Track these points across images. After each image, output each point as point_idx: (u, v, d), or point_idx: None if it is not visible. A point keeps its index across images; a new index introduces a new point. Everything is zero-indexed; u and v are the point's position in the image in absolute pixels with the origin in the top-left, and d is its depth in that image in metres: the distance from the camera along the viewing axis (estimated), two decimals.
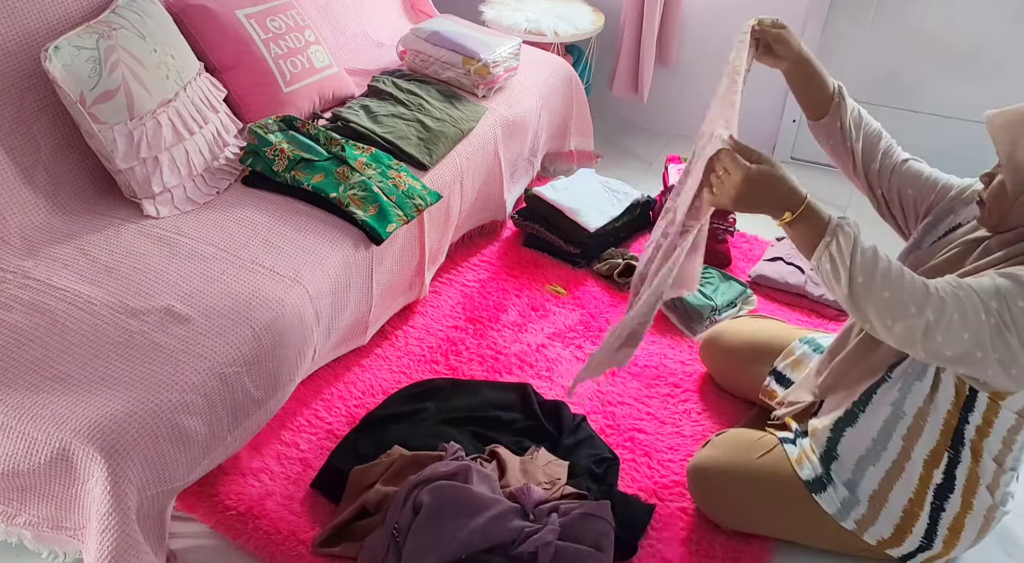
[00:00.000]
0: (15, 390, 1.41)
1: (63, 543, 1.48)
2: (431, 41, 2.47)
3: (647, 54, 3.03)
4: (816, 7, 2.93)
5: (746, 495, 1.65)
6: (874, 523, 1.57)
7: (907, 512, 1.55)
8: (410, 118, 2.24)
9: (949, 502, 1.53)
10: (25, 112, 1.77)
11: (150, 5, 1.91)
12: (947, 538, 1.56)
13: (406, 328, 2.17)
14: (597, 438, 1.86)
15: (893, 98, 2.99)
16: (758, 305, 2.34)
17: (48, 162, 1.80)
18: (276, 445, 1.81)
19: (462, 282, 2.36)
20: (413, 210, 1.97)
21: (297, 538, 1.62)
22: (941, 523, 1.55)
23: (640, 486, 1.79)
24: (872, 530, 1.58)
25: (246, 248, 1.76)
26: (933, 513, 1.54)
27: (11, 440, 1.37)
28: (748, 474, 1.65)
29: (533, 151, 2.65)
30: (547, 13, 2.99)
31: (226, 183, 1.96)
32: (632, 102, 3.26)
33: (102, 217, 1.81)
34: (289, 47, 2.18)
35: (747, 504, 1.66)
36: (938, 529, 1.55)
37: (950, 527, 1.55)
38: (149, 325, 1.54)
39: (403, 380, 2.01)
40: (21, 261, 1.66)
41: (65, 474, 1.36)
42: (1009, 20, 2.78)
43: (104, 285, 1.61)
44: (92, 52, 1.74)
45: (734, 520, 1.69)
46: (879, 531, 1.57)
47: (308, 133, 2.03)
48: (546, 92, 2.65)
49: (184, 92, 1.91)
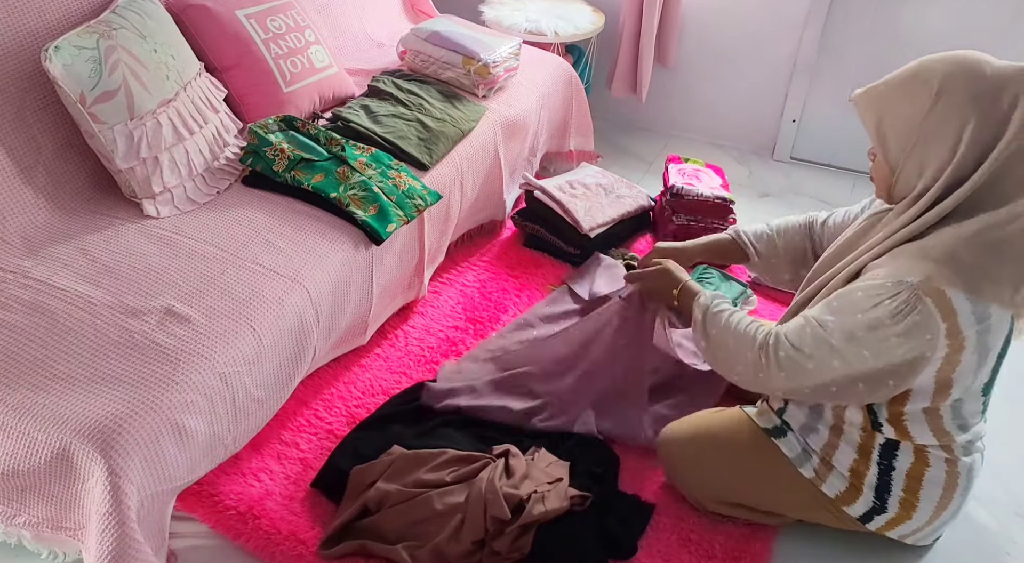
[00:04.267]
0: (15, 390, 1.41)
1: (63, 543, 1.48)
2: (431, 41, 2.48)
3: (646, 54, 3.04)
4: (816, 7, 2.94)
5: (712, 455, 1.67)
6: (829, 475, 1.57)
7: (855, 469, 1.55)
8: (410, 118, 2.24)
9: (898, 459, 1.52)
10: (25, 112, 1.77)
11: (150, 5, 1.91)
12: (903, 499, 1.54)
13: (406, 328, 2.17)
14: (598, 438, 1.86)
15: None
16: (758, 305, 2.34)
17: (48, 162, 1.80)
18: (276, 445, 1.81)
19: (462, 282, 2.36)
20: (413, 210, 1.98)
21: (297, 538, 1.62)
22: (894, 481, 1.53)
23: (640, 486, 1.79)
24: (830, 482, 1.57)
25: (246, 248, 1.76)
26: (882, 472, 1.53)
27: (11, 440, 1.37)
28: (711, 431, 1.69)
29: (533, 151, 2.65)
30: (547, 13, 2.99)
31: (226, 183, 1.96)
32: (632, 102, 3.26)
33: (102, 217, 1.81)
34: (289, 47, 2.18)
35: (713, 465, 1.67)
36: (892, 488, 1.53)
37: (906, 486, 1.53)
38: (149, 325, 1.54)
39: (403, 380, 2.01)
40: (21, 261, 1.66)
41: (65, 474, 1.36)
42: (1008, 20, 2.78)
43: (104, 285, 1.61)
44: (92, 52, 1.74)
45: (703, 487, 1.70)
46: (835, 484, 1.57)
47: (308, 133, 2.03)
48: (546, 92, 2.65)
49: (184, 92, 1.91)
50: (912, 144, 1.38)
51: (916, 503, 1.54)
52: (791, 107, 3.12)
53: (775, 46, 3.05)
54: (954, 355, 1.37)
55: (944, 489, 1.53)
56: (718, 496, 1.69)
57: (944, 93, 1.34)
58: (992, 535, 1.77)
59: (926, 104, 1.35)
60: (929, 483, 1.52)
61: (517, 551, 1.56)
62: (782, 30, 3.02)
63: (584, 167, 2.71)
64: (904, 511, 1.55)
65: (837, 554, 1.69)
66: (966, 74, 1.34)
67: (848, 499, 1.57)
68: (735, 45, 3.12)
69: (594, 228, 2.40)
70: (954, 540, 1.74)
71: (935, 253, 1.34)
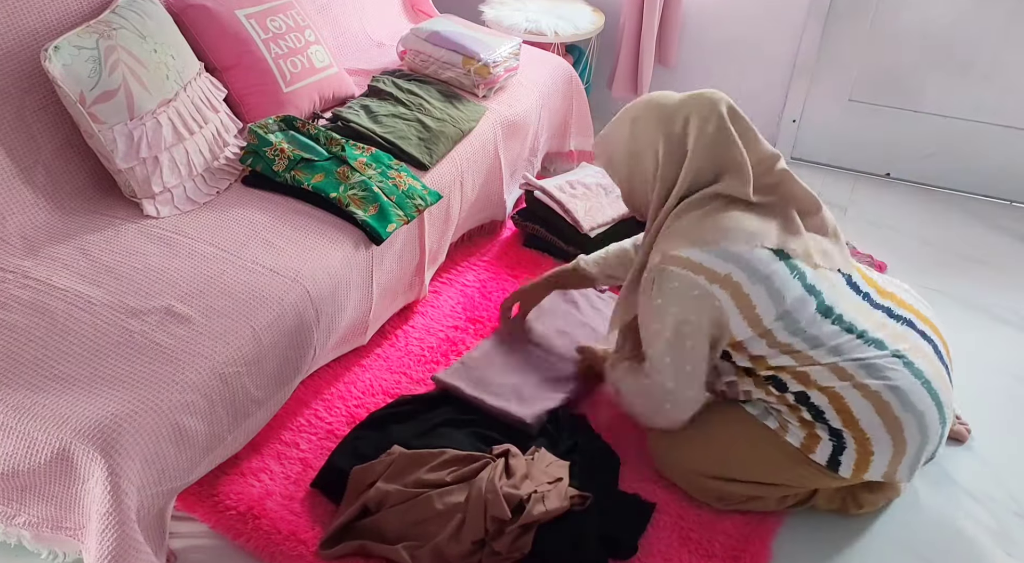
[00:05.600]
0: (15, 390, 1.41)
1: (63, 543, 1.48)
2: (431, 41, 2.48)
3: (647, 54, 3.04)
4: (816, 7, 2.94)
5: (693, 431, 1.71)
6: (789, 426, 1.63)
7: (798, 416, 1.62)
8: (410, 118, 2.24)
9: (813, 399, 1.59)
10: (25, 112, 1.77)
11: (150, 5, 1.91)
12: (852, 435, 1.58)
13: (406, 328, 2.17)
14: (597, 437, 1.86)
15: (893, 98, 2.99)
16: None
17: (48, 162, 1.80)
18: (276, 445, 1.81)
19: (462, 282, 2.36)
20: (413, 210, 1.98)
21: (297, 538, 1.62)
22: (829, 417, 1.59)
23: (640, 486, 1.79)
24: (791, 432, 1.63)
25: (246, 248, 1.76)
26: (815, 415, 1.61)
27: (11, 440, 1.37)
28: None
29: (533, 151, 2.65)
30: (547, 13, 2.99)
31: (226, 183, 1.96)
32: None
33: (102, 217, 1.81)
34: (289, 47, 2.18)
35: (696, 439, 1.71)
36: (830, 423, 1.59)
37: (843, 421, 1.58)
38: (149, 325, 1.54)
39: (403, 380, 2.01)
40: (21, 261, 1.66)
41: (65, 474, 1.36)
42: (1008, 21, 2.78)
43: (104, 285, 1.61)
44: (92, 52, 1.74)
45: (692, 464, 1.72)
46: (796, 433, 1.63)
47: (308, 133, 2.03)
48: (546, 92, 2.65)
49: (184, 92, 1.91)
50: (628, 166, 1.72)
51: (866, 435, 1.58)
52: (791, 107, 3.12)
53: (775, 46, 3.06)
54: (738, 294, 1.55)
55: (881, 415, 1.57)
56: (707, 471, 1.71)
57: (637, 121, 1.69)
58: (992, 535, 1.77)
59: (626, 132, 1.70)
60: (861, 412, 1.57)
61: (517, 551, 1.56)
62: (782, 30, 3.02)
63: (584, 167, 2.71)
64: (861, 446, 1.59)
65: (837, 554, 1.69)
66: (650, 104, 1.69)
67: (811, 445, 1.62)
68: (735, 45, 3.12)
69: (594, 228, 2.40)
70: (954, 540, 1.75)
71: (664, 241, 1.63)
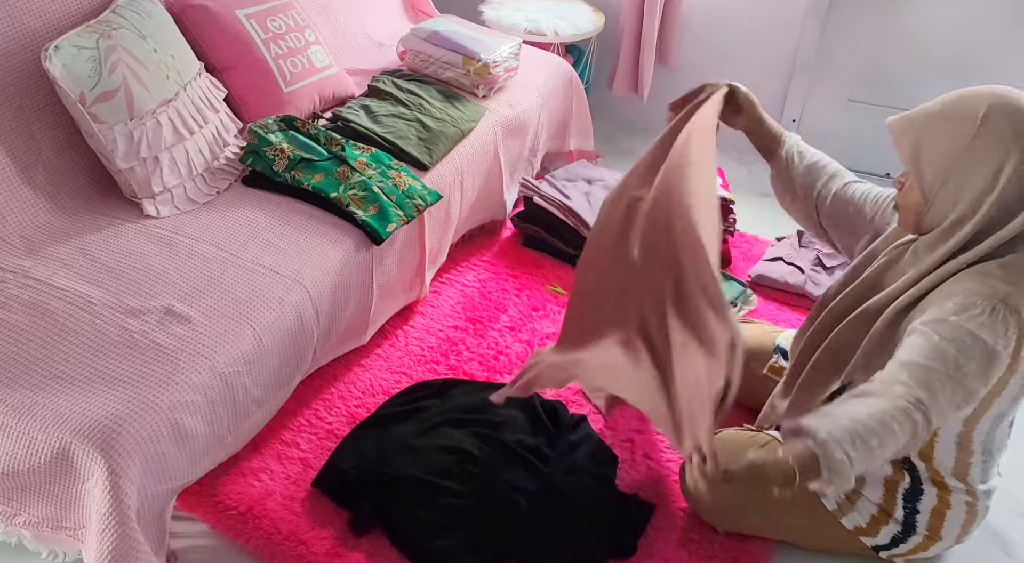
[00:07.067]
0: (15, 390, 1.41)
1: (63, 543, 1.48)
2: (431, 41, 2.47)
3: (647, 54, 3.04)
4: (816, 7, 2.93)
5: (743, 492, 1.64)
6: (851, 510, 1.59)
7: (881, 510, 1.57)
8: (410, 118, 2.24)
9: (921, 502, 1.55)
10: (25, 112, 1.77)
11: (150, 5, 1.91)
12: (926, 536, 1.57)
13: (406, 328, 2.17)
14: (596, 437, 1.86)
15: (893, 98, 2.99)
16: (758, 305, 2.34)
17: (48, 162, 1.80)
18: (276, 445, 1.81)
19: (462, 282, 2.36)
20: (413, 210, 1.98)
21: (297, 538, 1.62)
22: (919, 520, 1.56)
23: (640, 486, 1.79)
24: (851, 516, 1.59)
25: (246, 248, 1.76)
26: (908, 514, 1.56)
27: (11, 440, 1.37)
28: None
29: (533, 151, 2.65)
30: (547, 13, 2.99)
31: (226, 183, 1.96)
32: (632, 102, 3.26)
33: (102, 217, 1.81)
34: (289, 47, 2.18)
35: (741, 502, 1.65)
36: (916, 526, 1.56)
37: (929, 524, 1.56)
38: (149, 325, 1.54)
39: (403, 380, 2.01)
40: (21, 261, 1.66)
41: (65, 474, 1.36)
42: (1007, 21, 2.78)
43: (104, 285, 1.61)
44: (92, 52, 1.74)
45: (728, 521, 1.69)
46: (856, 519, 1.59)
47: (308, 133, 2.03)
48: (546, 92, 2.65)
49: (184, 92, 1.91)
50: (949, 174, 1.36)
51: (937, 539, 1.57)
52: (791, 107, 3.11)
53: (775, 46, 3.05)
54: (1008, 375, 1.35)
55: (962, 526, 1.57)
56: (743, 527, 1.70)
57: (987, 125, 1.33)
58: (992, 535, 1.77)
59: (968, 134, 1.34)
60: (950, 520, 1.56)
61: None
62: (782, 30, 3.02)
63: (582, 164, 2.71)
64: (928, 540, 1.58)
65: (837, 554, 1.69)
66: (1008, 109, 1.33)
67: (872, 530, 1.59)
68: (736, 45, 3.11)
69: None
70: None
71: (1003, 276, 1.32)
